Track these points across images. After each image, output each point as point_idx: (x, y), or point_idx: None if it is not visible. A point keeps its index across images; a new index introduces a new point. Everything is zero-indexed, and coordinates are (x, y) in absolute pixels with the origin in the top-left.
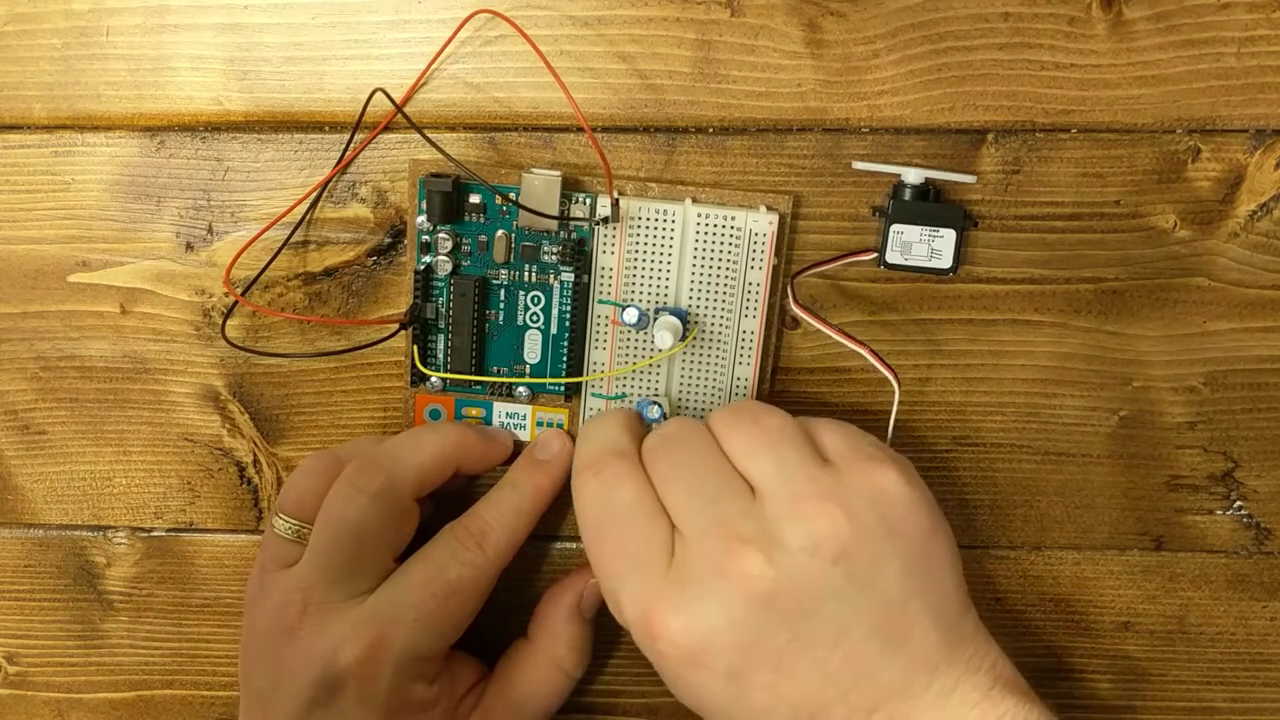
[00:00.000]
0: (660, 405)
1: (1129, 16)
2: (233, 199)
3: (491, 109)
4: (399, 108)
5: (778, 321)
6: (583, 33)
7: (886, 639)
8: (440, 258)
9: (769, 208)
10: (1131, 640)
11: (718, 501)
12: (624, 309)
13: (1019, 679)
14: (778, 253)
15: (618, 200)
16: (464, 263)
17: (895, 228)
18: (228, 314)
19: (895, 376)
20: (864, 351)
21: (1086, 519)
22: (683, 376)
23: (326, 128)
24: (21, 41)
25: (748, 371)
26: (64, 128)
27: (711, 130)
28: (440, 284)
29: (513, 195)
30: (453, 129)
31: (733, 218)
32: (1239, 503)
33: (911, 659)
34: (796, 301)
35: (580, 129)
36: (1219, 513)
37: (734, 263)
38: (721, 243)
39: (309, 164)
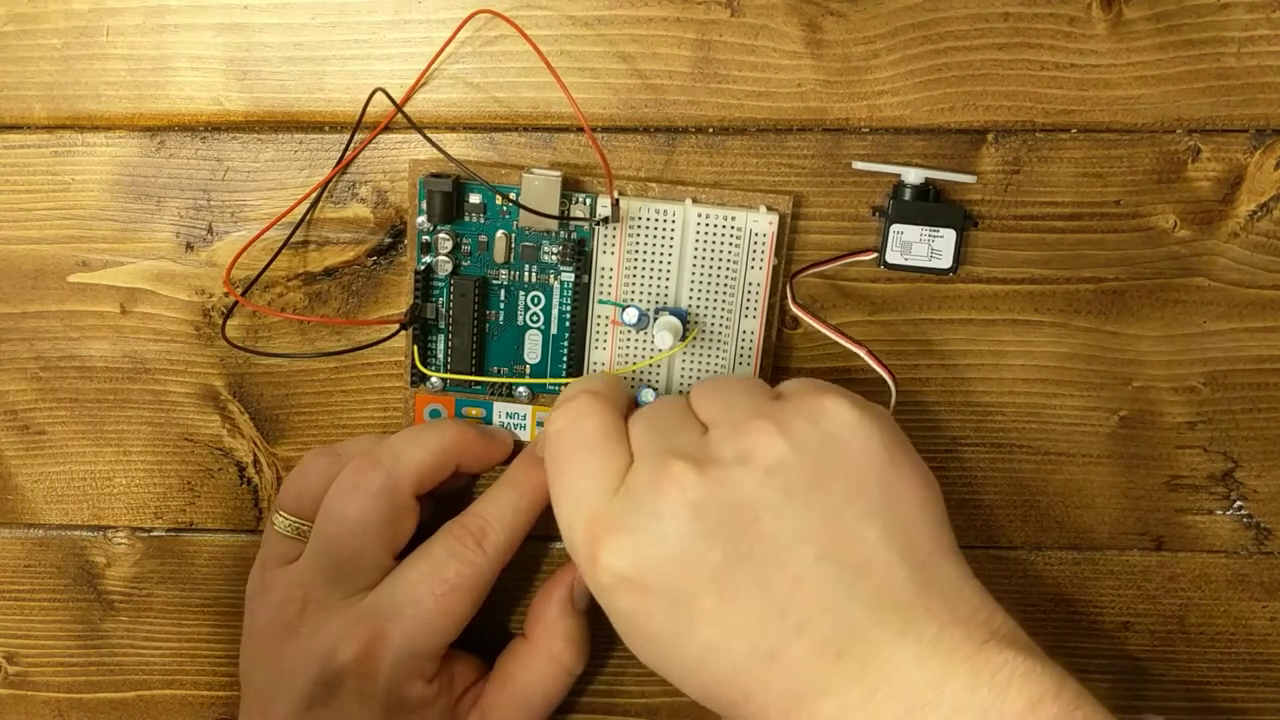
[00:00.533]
0: (656, 391)
1: (1129, 16)
2: (233, 199)
3: (492, 109)
4: (399, 108)
5: (778, 321)
6: (583, 33)
7: (841, 566)
8: (440, 258)
9: (769, 208)
10: (1131, 640)
11: (670, 433)
12: (624, 309)
13: (1020, 635)
14: (778, 253)
15: (618, 200)
16: (464, 263)
17: (895, 228)
18: (227, 314)
19: (892, 377)
20: (861, 352)
21: (1086, 519)
22: (683, 376)
23: (326, 128)
24: (21, 41)
25: (748, 371)
26: (64, 128)
27: (711, 130)
28: (440, 284)
29: (513, 195)
30: (453, 129)
31: (733, 218)
32: (1239, 503)
33: (876, 594)
34: (795, 301)
35: (580, 129)
36: (1219, 513)
37: (734, 263)
38: (721, 243)
39: (309, 164)
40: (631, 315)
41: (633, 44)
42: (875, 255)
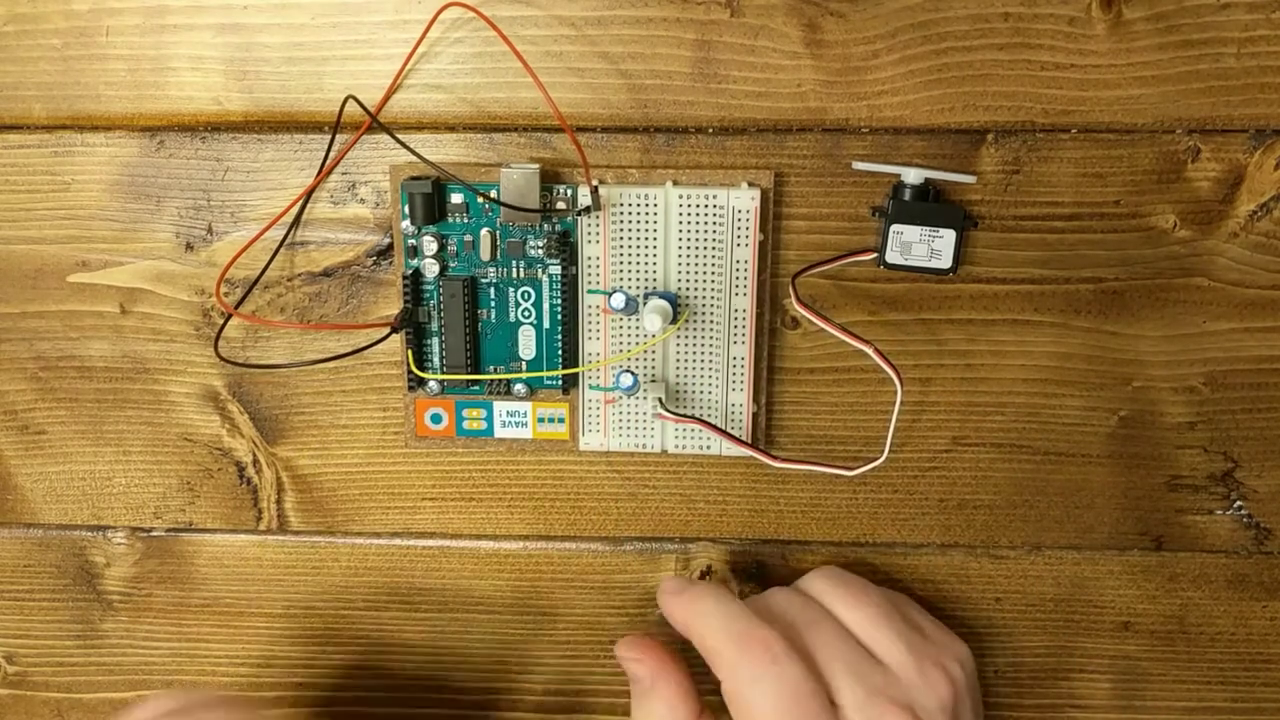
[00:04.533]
0: (633, 375)
1: (1129, 17)
2: (233, 199)
3: (492, 110)
4: (374, 116)
5: (769, 298)
6: (582, 33)
7: None
8: (427, 260)
9: (750, 184)
10: (1131, 640)
11: (868, 675)
12: (610, 295)
13: None
14: (763, 228)
15: (597, 188)
16: (451, 263)
17: (895, 228)
18: (220, 329)
19: (898, 375)
20: (869, 350)
21: (1086, 519)
22: (678, 359)
23: (326, 128)
24: (21, 41)
25: (743, 350)
26: (64, 128)
27: (711, 130)
28: (430, 286)
29: (493, 193)
30: (453, 129)
31: (714, 196)
32: (1239, 503)
33: None
34: (800, 301)
35: (576, 127)
36: (1219, 513)
37: (720, 241)
38: (706, 222)
39: (309, 164)
40: (619, 300)
41: (633, 44)
42: (875, 255)
